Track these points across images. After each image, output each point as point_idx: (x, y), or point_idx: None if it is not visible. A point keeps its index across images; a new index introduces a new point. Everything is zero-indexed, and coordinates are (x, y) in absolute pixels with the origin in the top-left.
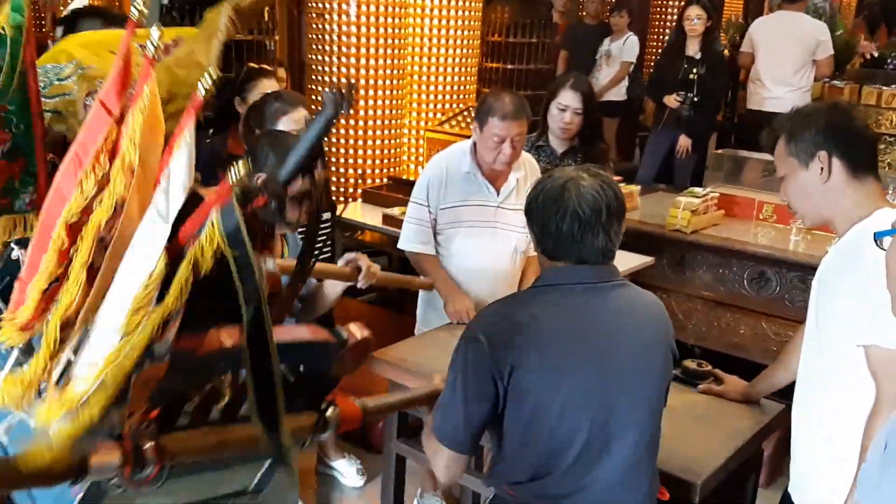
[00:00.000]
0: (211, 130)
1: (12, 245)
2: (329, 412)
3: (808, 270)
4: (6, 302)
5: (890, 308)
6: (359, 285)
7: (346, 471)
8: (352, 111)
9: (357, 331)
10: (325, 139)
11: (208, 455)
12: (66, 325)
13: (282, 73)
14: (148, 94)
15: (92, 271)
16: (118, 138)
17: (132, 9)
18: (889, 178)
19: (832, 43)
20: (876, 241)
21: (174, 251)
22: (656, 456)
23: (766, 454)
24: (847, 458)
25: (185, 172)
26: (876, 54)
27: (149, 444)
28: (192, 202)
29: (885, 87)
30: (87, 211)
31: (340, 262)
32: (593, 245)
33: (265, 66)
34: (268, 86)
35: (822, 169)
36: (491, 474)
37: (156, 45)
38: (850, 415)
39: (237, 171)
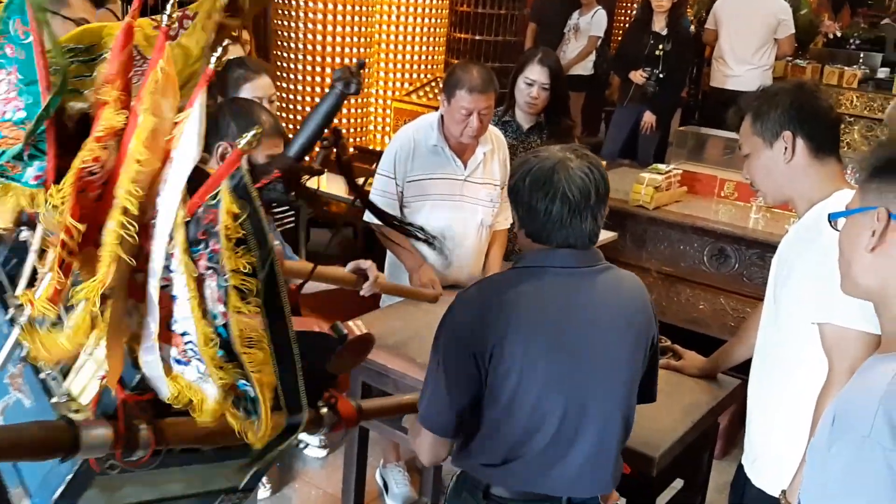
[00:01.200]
0: None
1: (21, 228)
2: (324, 411)
3: (766, 248)
4: (14, 284)
5: None
6: (362, 293)
7: (310, 442)
8: (317, 77)
9: (356, 327)
10: (292, 107)
11: (203, 444)
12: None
13: (245, 35)
14: (163, 64)
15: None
16: (130, 112)
17: None
18: (848, 157)
19: (796, 22)
20: (830, 222)
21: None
22: (626, 439)
23: (721, 427)
24: (799, 432)
25: (195, 145)
26: (839, 34)
27: (144, 426)
28: (198, 175)
29: (846, 68)
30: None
31: (349, 268)
32: (581, 229)
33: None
34: (232, 52)
35: (785, 149)
36: (460, 454)
37: (170, 16)
38: (803, 390)
39: (248, 139)
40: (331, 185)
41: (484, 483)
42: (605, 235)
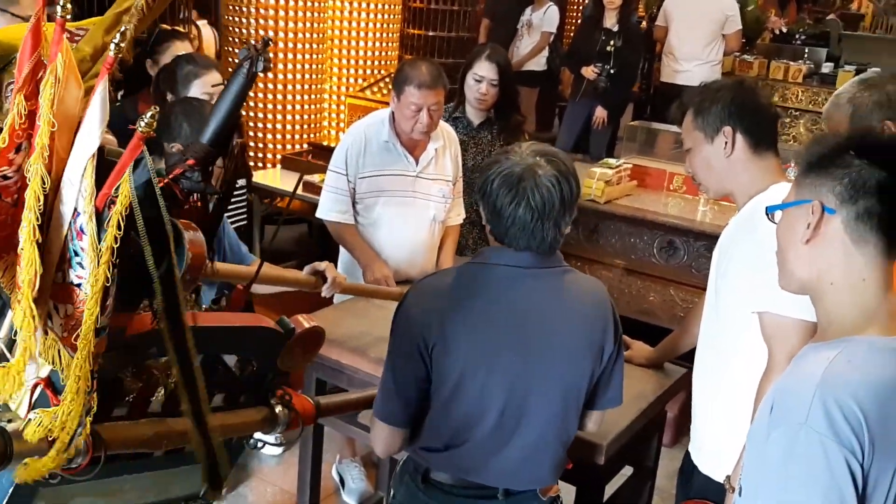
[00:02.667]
0: (121, 93)
1: None
2: (279, 409)
3: (713, 240)
4: None
5: None
6: (323, 294)
7: (266, 440)
8: (269, 73)
9: (305, 321)
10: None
11: (145, 447)
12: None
13: (193, 31)
14: (62, 58)
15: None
16: (35, 108)
17: None
18: (792, 151)
19: (743, 18)
20: (768, 214)
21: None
22: (570, 437)
23: (671, 415)
24: (739, 419)
25: (94, 133)
26: (785, 30)
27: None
28: (109, 166)
29: (792, 63)
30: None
31: (306, 271)
32: (543, 237)
33: (178, 28)
34: (181, 48)
35: (725, 143)
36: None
37: (64, 7)
38: (743, 378)
39: (147, 120)
40: (284, 180)
41: (424, 467)
42: None
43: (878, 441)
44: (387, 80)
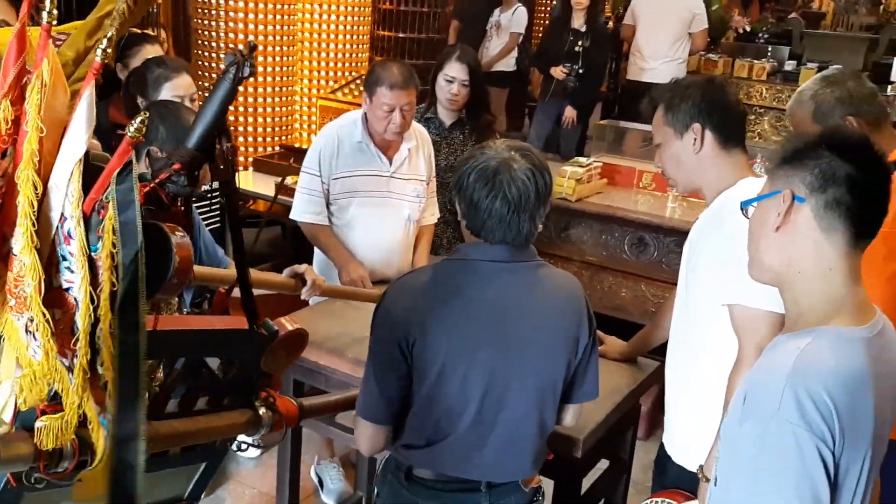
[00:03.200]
0: None
1: None
2: (263, 411)
3: (683, 235)
4: None
5: None
6: (302, 297)
7: (247, 442)
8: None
9: (288, 323)
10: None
11: None
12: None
13: (163, 35)
14: (48, 63)
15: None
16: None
17: None
18: (758, 148)
19: (708, 17)
20: (742, 209)
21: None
22: (549, 429)
23: (645, 409)
24: (710, 410)
25: (81, 138)
26: (748, 29)
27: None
28: (94, 170)
29: (755, 61)
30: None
31: (285, 273)
32: (518, 229)
33: (148, 32)
34: (151, 52)
35: (695, 140)
36: None
37: (50, 12)
38: (713, 370)
39: (136, 125)
40: (256, 183)
41: (406, 465)
42: None
43: (847, 429)
44: (357, 81)
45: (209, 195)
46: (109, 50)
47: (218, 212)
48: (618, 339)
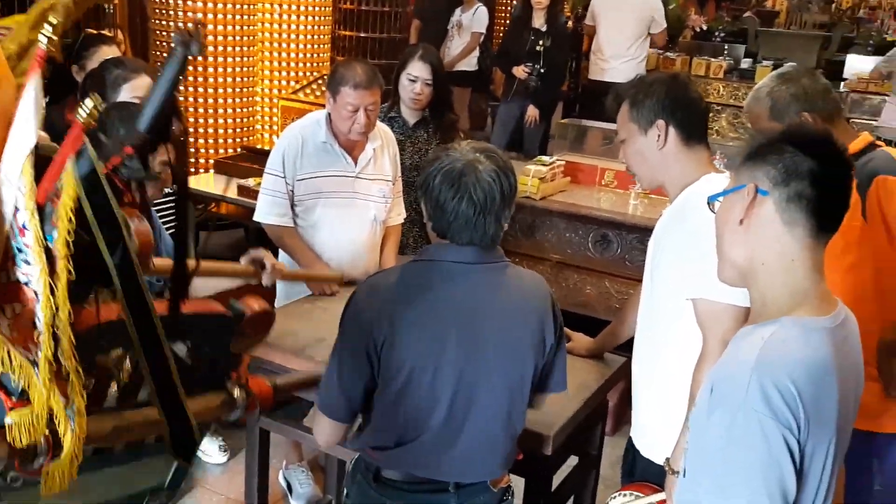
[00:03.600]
0: (47, 100)
1: None
2: (236, 392)
3: (645, 232)
4: None
5: (715, 264)
6: (263, 283)
7: (209, 448)
8: (200, 77)
9: (255, 303)
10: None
11: (105, 443)
12: None
13: (120, 36)
14: None
15: None
16: None
17: None
18: (716, 144)
19: (665, 16)
20: (709, 204)
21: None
22: (518, 428)
23: (612, 404)
24: (676, 403)
25: (30, 129)
26: (705, 27)
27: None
28: (45, 161)
29: (712, 59)
30: None
31: (244, 260)
32: (485, 231)
33: (104, 33)
34: (107, 52)
35: (659, 136)
36: (355, 437)
37: None
38: (679, 364)
39: (86, 107)
40: (217, 185)
41: (375, 466)
42: None
43: (812, 418)
44: (319, 81)
45: (167, 195)
46: (55, 37)
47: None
48: (584, 336)
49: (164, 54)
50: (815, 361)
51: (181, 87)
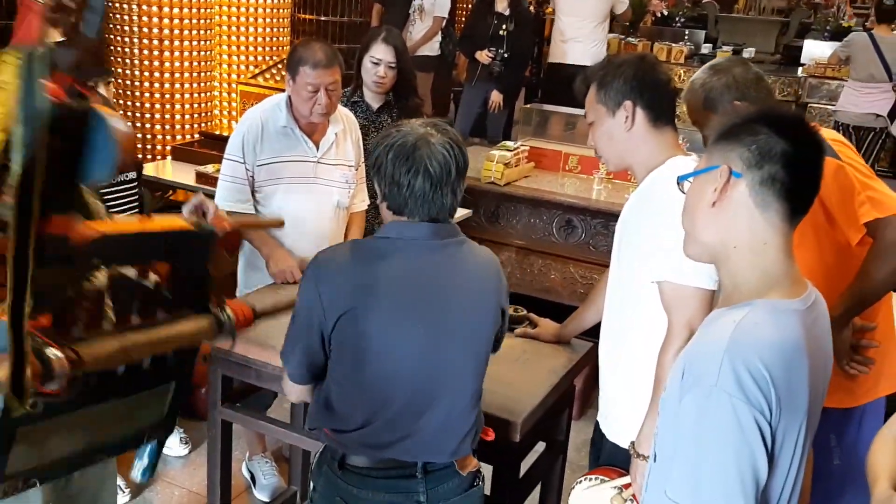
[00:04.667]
0: None
1: None
2: (222, 315)
3: (609, 217)
4: None
5: (680, 247)
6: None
7: (169, 440)
8: (156, 61)
9: (222, 221)
10: (130, 93)
11: (112, 363)
12: None
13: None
14: None
15: None
16: None
17: None
18: (679, 128)
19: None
20: (678, 183)
21: None
22: (479, 402)
23: (577, 388)
24: (642, 387)
25: None
26: (665, 13)
27: (54, 353)
28: None
29: (673, 44)
30: None
31: (185, 211)
32: (442, 204)
33: None
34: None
35: (626, 117)
36: (315, 421)
37: None
38: (644, 348)
39: None
40: (176, 172)
41: (340, 453)
42: (460, 212)
43: (784, 400)
44: (279, 66)
45: (123, 185)
46: None
47: (136, 203)
48: (551, 322)
49: (120, 38)
50: (787, 344)
51: (136, 68)
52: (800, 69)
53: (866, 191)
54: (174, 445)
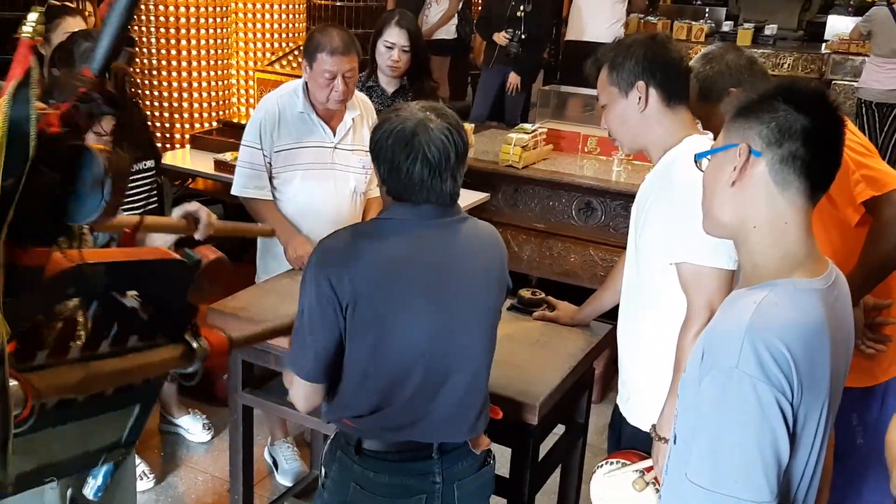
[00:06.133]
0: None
1: None
2: (195, 343)
3: (629, 199)
4: None
5: (698, 227)
6: (197, 237)
7: (192, 427)
8: (173, 50)
9: (209, 252)
10: (148, 82)
11: (74, 393)
12: None
13: (90, 7)
14: None
15: None
16: None
17: None
18: None
19: None
20: (696, 162)
21: None
22: (486, 377)
23: (598, 372)
24: (662, 369)
25: None
26: None
27: (14, 382)
28: None
29: (693, 22)
30: None
31: (176, 214)
32: (441, 189)
33: (68, 4)
34: (73, 24)
35: (639, 98)
36: (329, 408)
37: None
38: (664, 329)
39: (30, 21)
40: (194, 161)
41: (356, 438)
42: (477, 196)
43: (805, 380)
44: (296, 52)
45: (141, 173)
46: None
47: (155, 192)
48: (570, 305)
49: (139, 27)
50: (808, 324)
51: (154, 58)
52: (823, 45)
53: (861, 169)
54: (197, 431)
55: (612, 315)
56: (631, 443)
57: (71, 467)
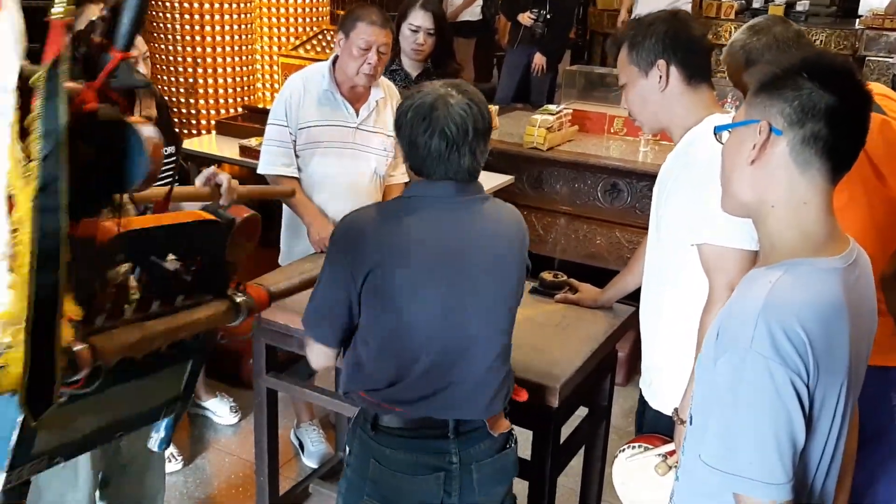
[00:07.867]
0: None
1: None
2: (239, 298)
3: (655, 180)
4: None
5: (719, 208)
6: (221, 202)
7: (219, 409)
8: (198, 36)
9: (241, 210)
10: (173, 68)
11: (133, 352)
12: None
13: None
14: None
15: None
16: None
17: None
18: (728, 88)
19: None
20: (715, 134)
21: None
22: (509, 359)
23: (622, 355)
24: (683, 352)
25: (13, 37)
26: None
27: (79, 345)
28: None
29: (723, 0)
30: None
31: (198, 182)
32: (459, 164)
33: None
34: (95, 11)
35: (660, 77)
36: (347, 385)
37: None
38: (686, 312)
39: (64, 4)
40: (220, 146)
41: (373, 414)
42: (502, 179)
43: (822, 361)
44: (319, 37)
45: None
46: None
47: (175, 176)
48: (592, 287)
49: (160, 13)
50: (825, 304)
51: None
52: (857, 21)
53: None
54: (224, 414)
55: (635, 297)
56: (653, 427)
57: (137, 422)
